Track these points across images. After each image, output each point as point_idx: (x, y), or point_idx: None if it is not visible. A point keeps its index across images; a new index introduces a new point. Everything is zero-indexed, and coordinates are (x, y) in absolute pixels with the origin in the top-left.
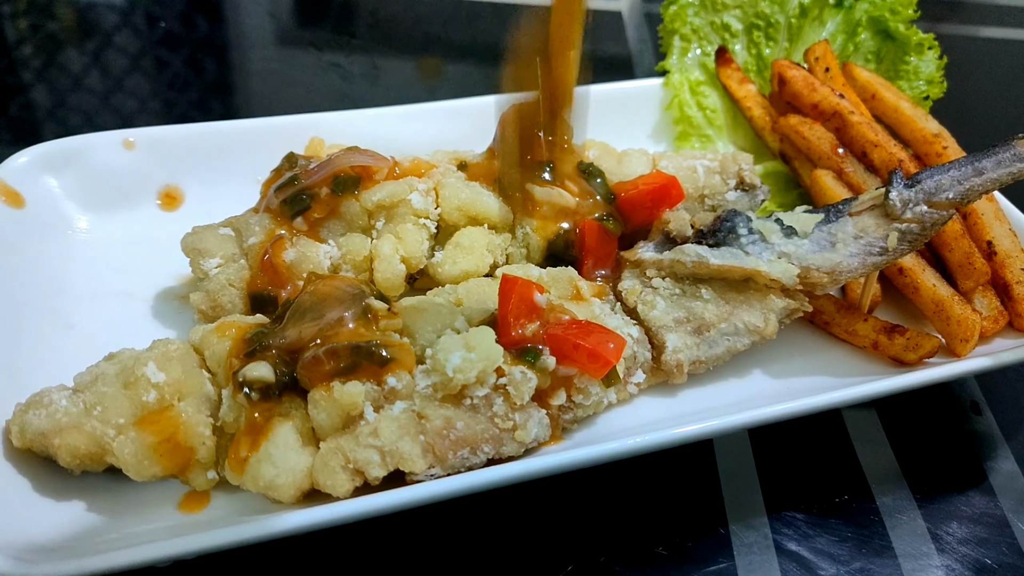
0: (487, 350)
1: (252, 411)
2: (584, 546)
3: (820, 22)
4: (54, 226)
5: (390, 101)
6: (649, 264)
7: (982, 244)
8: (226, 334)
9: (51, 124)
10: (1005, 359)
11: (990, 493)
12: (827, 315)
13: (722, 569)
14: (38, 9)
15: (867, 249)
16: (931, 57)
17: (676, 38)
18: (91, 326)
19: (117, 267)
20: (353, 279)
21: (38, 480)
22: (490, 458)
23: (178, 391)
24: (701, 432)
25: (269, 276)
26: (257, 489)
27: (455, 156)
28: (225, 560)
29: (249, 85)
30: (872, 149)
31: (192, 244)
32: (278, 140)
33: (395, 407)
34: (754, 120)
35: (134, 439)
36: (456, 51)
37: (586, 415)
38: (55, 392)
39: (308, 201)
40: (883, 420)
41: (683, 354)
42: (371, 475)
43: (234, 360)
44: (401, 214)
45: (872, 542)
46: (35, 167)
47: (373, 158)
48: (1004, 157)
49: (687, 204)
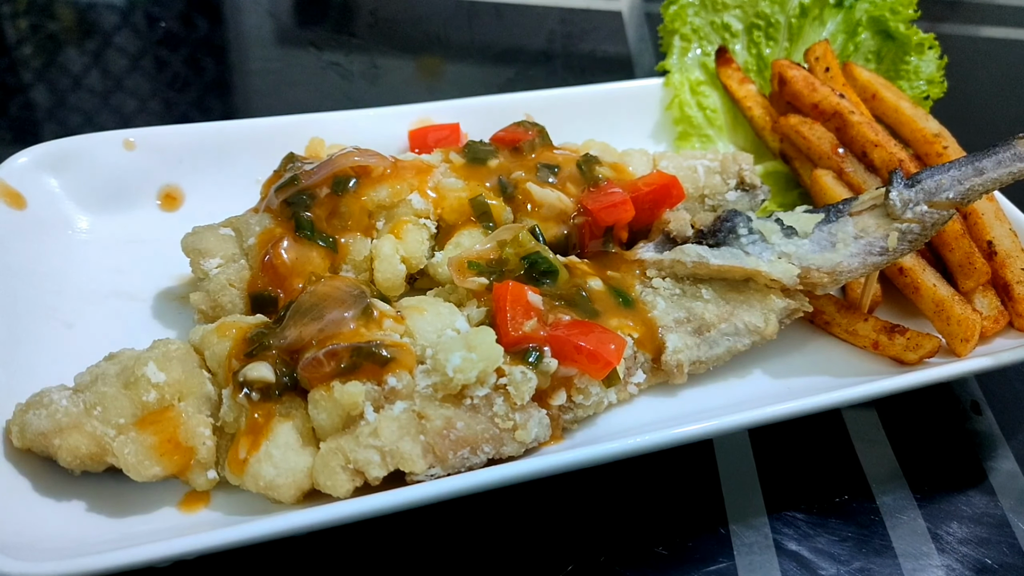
0: (487, 350)
1: (252, 411)
2: (584, 546)
3: (820, 22)
4: (54, 226)
5: (390, 101)
6: (649, 264)
7: (983, 244)
8: (226, 334)
9: (51, 124)
10: (1005, 359)
11: (990, 493)
12: (827, 315)
13: (722, 569)
14: (38, 9)
15: (867, 249)
16: (931, 57)
17: (676, 38)
18: (91, 326)
19: (117, 267)
20: (353, 279)
21: (38, 480)
22: (490, 458)
23: (178, 391)
24: (701, 432)
25: (269, 276)
26: (257, 489)
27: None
28: (225, 560)
29: (249, 85)
30: (872, 149)
31: (192, 244)
32: (278, 140)
33: (395, 407)
34: (754, 120)
35: (134, 439)
36: (456, 51)
37: (586, 415)
38: (55, 392)
39: (309, 201)
40: (883, 420)
41: (683, 354)
42: (371, 475)
43: (234, 360)
44: (401, 214)
45: (872, 542)
46: (36, 167)
47: (374, 158)
48: (1004, 157)
49: (687, 204)
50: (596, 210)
